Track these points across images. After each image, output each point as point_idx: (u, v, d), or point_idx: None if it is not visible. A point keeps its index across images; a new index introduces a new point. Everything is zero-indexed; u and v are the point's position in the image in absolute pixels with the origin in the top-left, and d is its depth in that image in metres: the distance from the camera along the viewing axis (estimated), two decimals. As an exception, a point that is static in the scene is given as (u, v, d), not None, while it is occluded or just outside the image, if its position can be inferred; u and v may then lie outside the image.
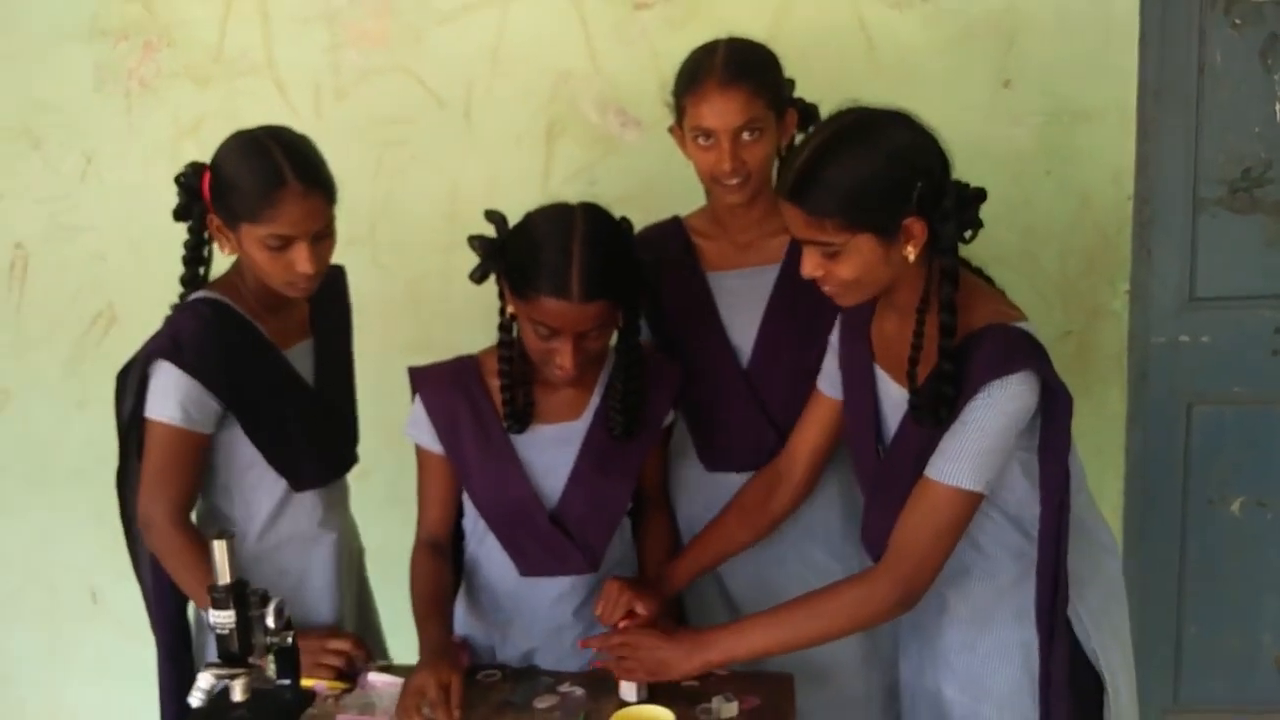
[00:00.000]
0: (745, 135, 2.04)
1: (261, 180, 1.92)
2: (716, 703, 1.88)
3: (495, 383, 2.00)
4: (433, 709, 1.77)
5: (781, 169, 1.83)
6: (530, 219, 1.94)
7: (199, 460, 2.03)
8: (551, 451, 2.04)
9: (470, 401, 2.03)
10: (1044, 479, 1.73)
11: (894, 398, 1.84)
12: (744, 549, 2.12)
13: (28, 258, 3.05)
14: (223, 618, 1.66)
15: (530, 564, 2.06)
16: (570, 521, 2.04)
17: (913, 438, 1.77)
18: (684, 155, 2.17)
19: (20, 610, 3.29)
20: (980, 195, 1.70)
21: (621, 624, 1.95)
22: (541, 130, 2.80)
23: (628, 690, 1.87)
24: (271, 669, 1.79)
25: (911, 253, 1.68)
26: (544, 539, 2.04)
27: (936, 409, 1.70)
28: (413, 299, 2.90)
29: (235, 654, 1.68)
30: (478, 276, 1.94)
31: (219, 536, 1.67)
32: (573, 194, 2.63)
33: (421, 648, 1.92)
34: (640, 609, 1.96)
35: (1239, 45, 2.70)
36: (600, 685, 1.93)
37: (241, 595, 1.68)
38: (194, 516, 2.08)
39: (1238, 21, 2.69)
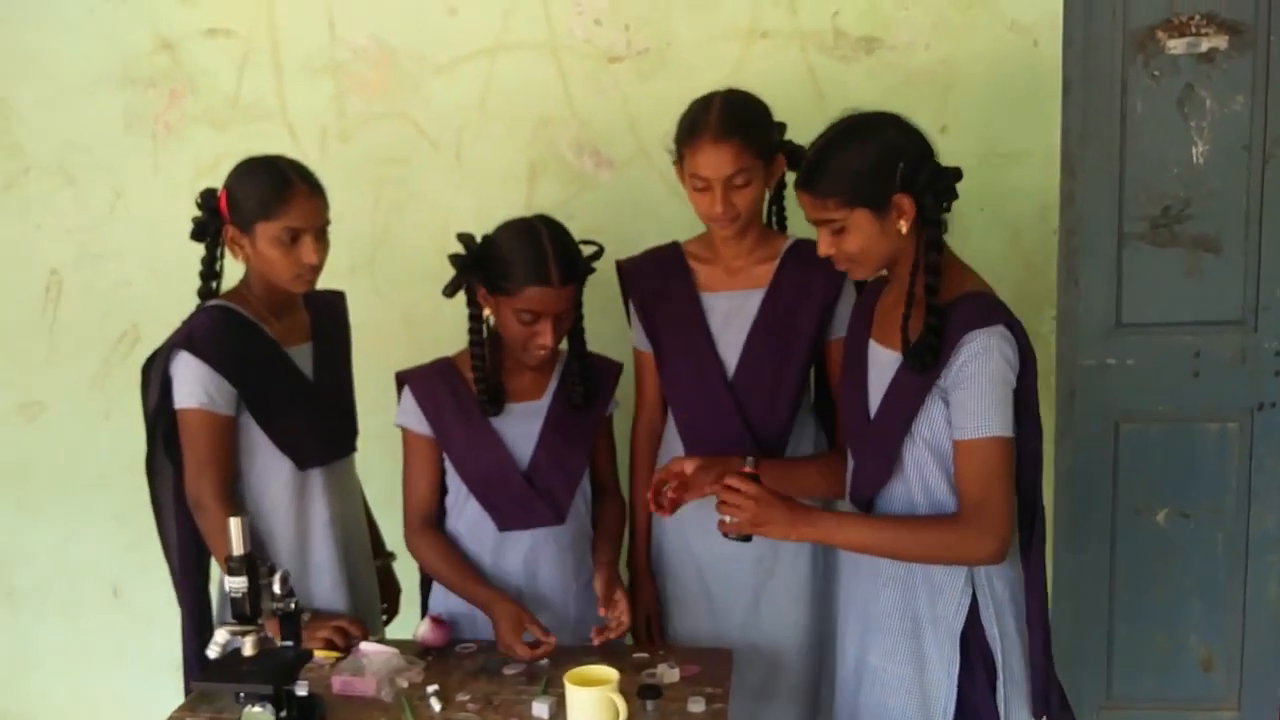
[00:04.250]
0: (736, 181, 2.25)
1: (274, 184, 2.27)
2: (661, 669, 2.12)
3: (470, 375, 2.33)
4: (532, 656, 2.16)
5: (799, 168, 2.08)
6: (499, 232, 2.30)
7: (230, 442, 2.30)
8: (521, 424, 2.36)
9: (451, 390, 2.36)
10: (1020, 428, 1.96)
11: (882, 365, 2.08)
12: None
13: (61, 283, 3.29)
14: (237, 583, 1.91)
15: (506, 519, 2.35)
16: (538, 479, 2.35)
17: (902, 394, 2.01)
18: (655, 194, 2.42)
19: (46, 605, 3.49)
20: (955, 173, 1.99)
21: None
22: (524, 170, 3.04)
23: (540, 709, 2.00)
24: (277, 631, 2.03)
25: (904, 225, 1.96)
26: (517, 496, 2.34)
27: (924, 355, 1.94)
28: (407, 324, 3.13)
29: (246, 615, 1.93)
30: (450, 290, 2.27)
31: (228, 509, 1.93)
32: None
33: (483, 604, 2.26)
34: (688, 468, 2.21)
35: (1158, 94, 2.93)
36: (565, 656, 2.16)
37: (253, 565, 1.92)
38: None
39: (1156, 73, 2.92)
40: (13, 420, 3.41)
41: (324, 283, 2.56)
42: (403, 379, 2.41)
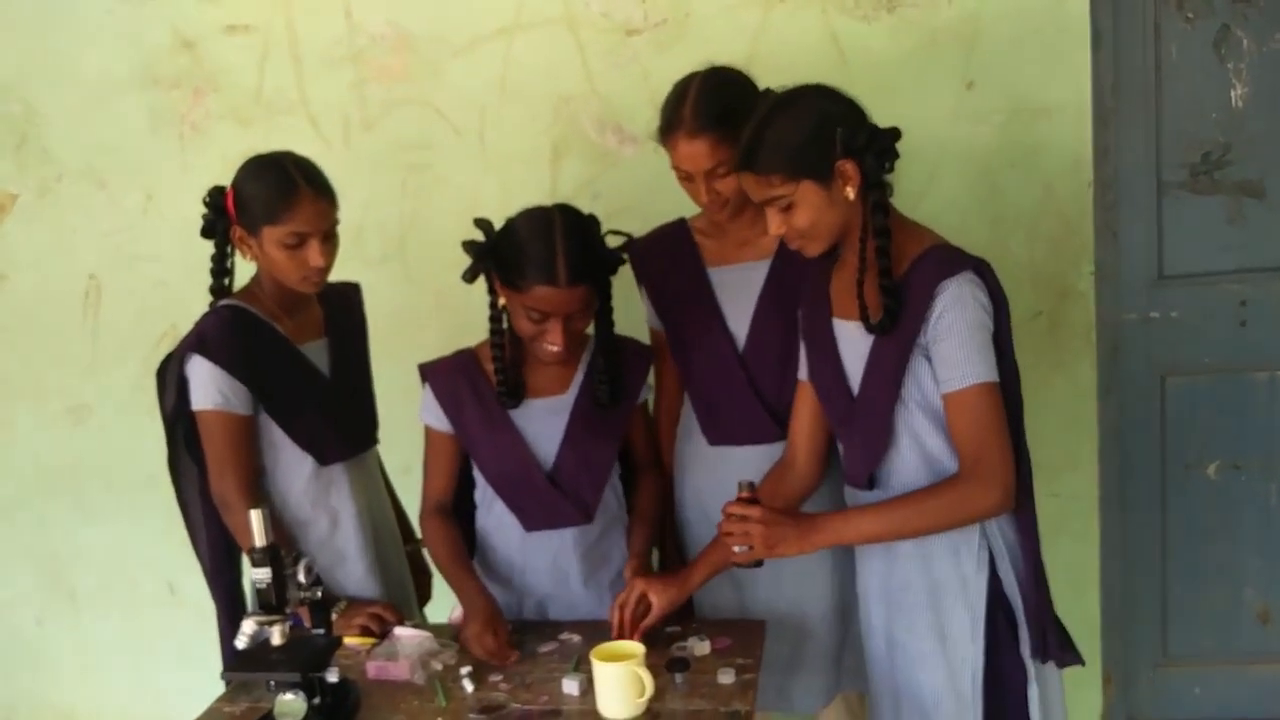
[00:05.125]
0: (718, 172, 2.22)
1: (279, 188, 2.24)
2: (692, 642, 2.12)
3: (490, 368, 2.27)
4: (489, 655, 2.10)
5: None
6: (514, 221, 2.20)
7: (250, 440, 2.31)
8: (544, 421, 2.30)
9: (471, 385, 2.30)
10: (1000, 374, 1.94)
11: (853, 340, 2.05)
12: None
13: (100, 287, 3.34)
14: (261, 574, 1.92)
15: (532, 520, 2.32)
16: (564, 480, 2.30)
17: (884, 362, 1.98)
18: None
19: (107, 605, 3.57)
20: (894, 133, 1.94)
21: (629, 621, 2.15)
22: (547, 150, 3.03)
23: (570, 685, 2.01)
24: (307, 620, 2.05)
25: (850, 192, 1.93)
26: (542, 497, 2.30)
27: (884, 318, 1.93)
28: (440, 307, 3.14)
29: (272, 605, 1.94)
30: (469, 277, 2.21)
31: (255, 507, 1.93)
32: (579, 206, 2.88)
33: (461, 597, 2.23)
34: (653, 598, 2.14)
35: (1193, 38, 2.85)
36: (594, 632, 2.16)
37: (276, 555, 1.93)
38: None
39: (1190, 16, 2.84)
40: (61, 424, 3.48)
41: (356, 273, 2.59)
42: (424, 372, 2.37)
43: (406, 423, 2.54)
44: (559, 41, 2.97)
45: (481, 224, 2.22)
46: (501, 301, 2.22)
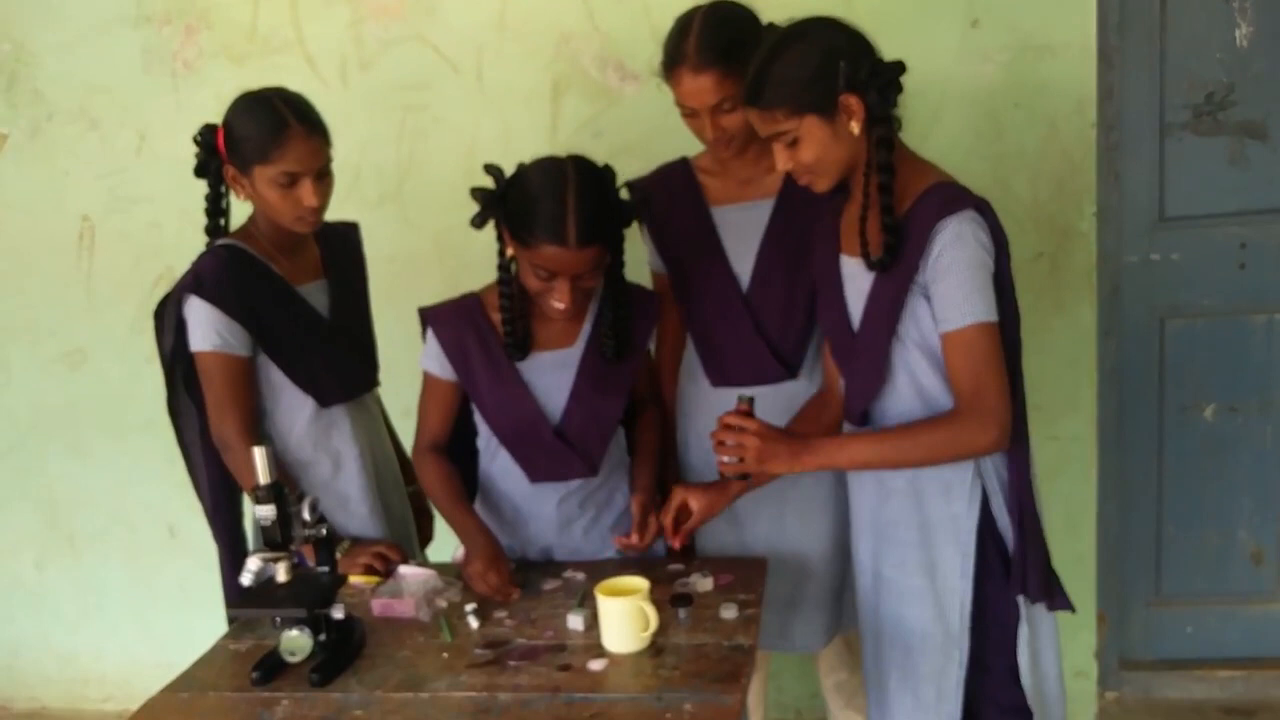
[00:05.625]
0: (724, 107, 2.18)
1: (269, 126, 2.20)
2: (695, 578, 2.13)
3: (498, 316, 2.23)
4: (493, 592, 2.09)
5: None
6: (526, 173, 2.12)
7: (249, 381, 2.29)
8: (551, 374, 2.27)
9: (478, 334, 2.26)
10: (999, 312, 1.93)
11: (855, 277, 2.05)
12: None
13: (94, 228, 3.33)
14: (265, 511, 1.92)
15: (538, 472, 2.30)
16: (571, 434, 2.27)
17: (883, 298, 1.98)
18: None
19: (107, 547, 3.59)
20: (898, 67, 1.93)
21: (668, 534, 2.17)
22: (548, 88, 3.00)
23: (575, 621, 2.03)
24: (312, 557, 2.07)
25: (855, 127, 1.92)
26: (549, 450, 2.28)
27: (884, 254, 1.93)
28: (439, 250, 3.12)
29: (276, 542, 1.94)
30: (478, 223, 2.15)
31: (257, 444, 1.93)
32: (579, 145, 2.83)
33: (462, 536, 2.22)
34: (692, 504, 2.17)
35: (1198, -25, 2.83)
36: (601, 571, 2.16)
37: (280, 493, 1.93)
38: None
39: (1195, -46, 2.82)
40: (57, 368, 3.47)
41: (353, 214, 2.56)
42: (426, 317, 2.31)
43: (406, 366, 2.54)
44: (559, -23, 2.94)
45: (492, 170, 2.14)
46: (510, 251, 2.16)
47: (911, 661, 2.07)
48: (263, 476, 1.92)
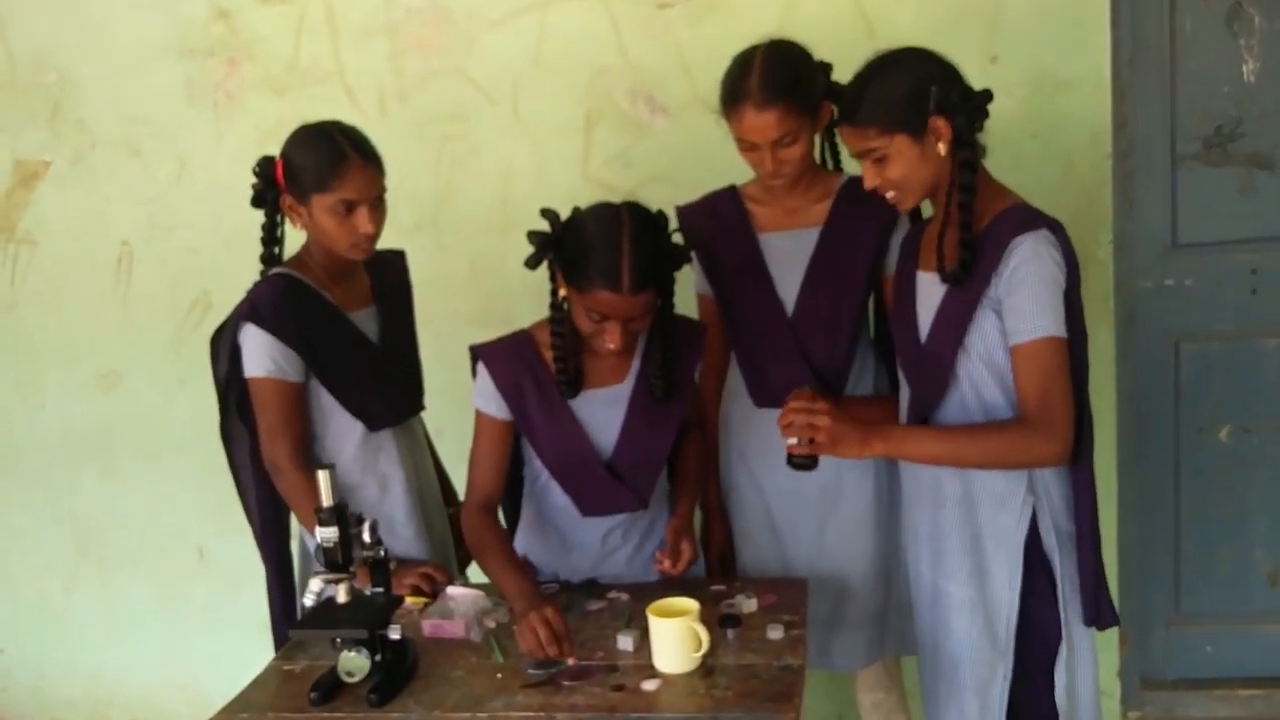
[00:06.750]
0: (784, 142, 2.26)
1: (329, 157, 2.27)
2: (739, 599, 2.19)
3: (549, 354, 2.26)
4: (548, 645, 2.01)
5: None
6: (582, 218, 2.16)
7: (301, 406, 2.35)
8: (603, 411, 2.30)
9: (532, 373, 2.28)
10: (1069, 333, 2.01)
11: (929, 291, 2.14)
12: None
13: (133, 253, 3.38)
14: (328, 534, 1.97)
15: (589, 505, 2.34)
16: (623, 468, 2.31)
17: (953, 310, 2.06)
18: (712, 139, 2.41)
19: (136, 568, 3.62)
20: (986, 95, 2.05)
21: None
22: (581, 120, 3.07)
23: (625, 641, 2.07)
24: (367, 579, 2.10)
25: (942, 148, 2.02)
26: (601, 485, 2.31)
27: (958, 268, 2.02)
28: (473, 276, 3.18)
29: (338, 564, 1.99)
30: (532, 264, 2.19)
31: (322, 468, 1.98)
32: (610, 176, 2.92)
33: (511, 596, 2.14)
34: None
35: (1206, 14, 2.89)
36: (643, 592, 2.22)
37: (342, 515, 1.98)
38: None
39: (1204, -8, 2.90)
40: (92, 390, 3.52)
41: (388, 240, 2.60)
42: (478, 356, 2.32)
43: (439, 389, 2.63)
44: (592, 14, 3.00)
45: (548, 214, 2.18)
46: (562, 292, 2.19)
47: (960, 675, 2.13)
48: (325, 499, 1.97)
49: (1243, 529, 3.16)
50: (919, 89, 2.01)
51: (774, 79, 2.23)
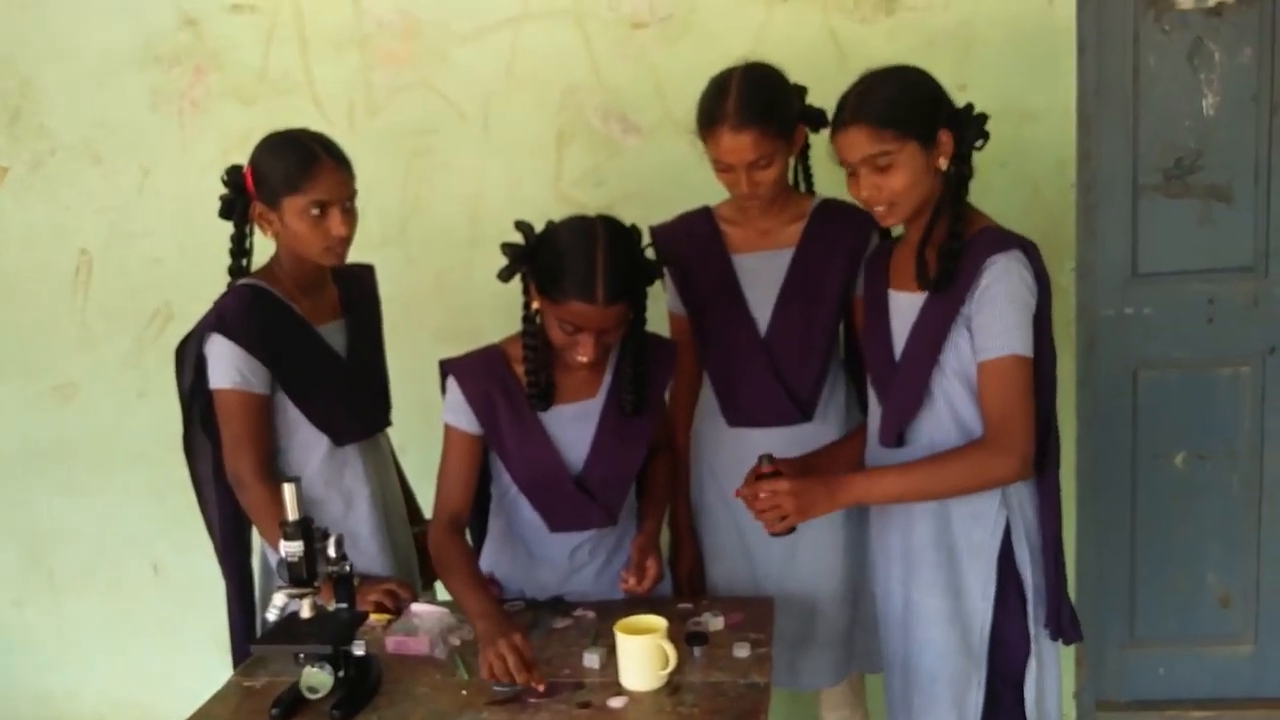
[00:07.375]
0: (760, 164, 2.27)
1: (300, 159, 2.27)
2: (706, 618, 2.19)
3: (520, 368, 2.25)
4: (516, 672, 1.95)
5: (838, 111, 2.12)
6: (556, 230, 2.17)
7: (266, 419, 2.32)
8: (573, 426, 2.29)
9: (503, 386, 2.27)
10: (1036, 350, 2.03)
11: (903, 310, 2.16)
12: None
13: (91, 262, 3.33)
14: (292, 548, 1.94)
15: (558, 521, 2.33)
16: (592, 484, 2.30)
17: (928, 326, 2.09)
18: (684, 159, 2.44)
19: (90, 582, 3.56)
20: (984, 117, 2.09)
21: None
22: (552, 138, 3.07)
23: (591, 659, 2.05)
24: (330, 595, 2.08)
25: (944, 162, 2.05)
26: (570, 500, 2.30)
27: (939, 276, 2.04)
28: (440, 291, 3.17)
29: (302, 578, 1.97)
30: (505, 276, 2.18)
31: (288, 481, 1.96)
32: (581, 194, 2.92)
33: (476, 617, 2.09)
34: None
35: (1169, 49, 2.97)
36: (610, 610, 2.21)
37: (307, 530, 1.96)
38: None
39: (1167, 28, 2.96)
40: (47, 402, 3.46)
41: (355, 255, 2.59)
42: (449, 370, 2.31)
43: (403, 404, 2.60)
44: (565, 32, 3.01)
45: (522, 226, 2.19)
46: (535, 305, 2.20)
47: (936, 689, 2.15)
48: (291, 512, 1.95)
49: (1196, 553, 3.23)
50: (934, 100, 2.05)
51: (751, 101, 2.25)
